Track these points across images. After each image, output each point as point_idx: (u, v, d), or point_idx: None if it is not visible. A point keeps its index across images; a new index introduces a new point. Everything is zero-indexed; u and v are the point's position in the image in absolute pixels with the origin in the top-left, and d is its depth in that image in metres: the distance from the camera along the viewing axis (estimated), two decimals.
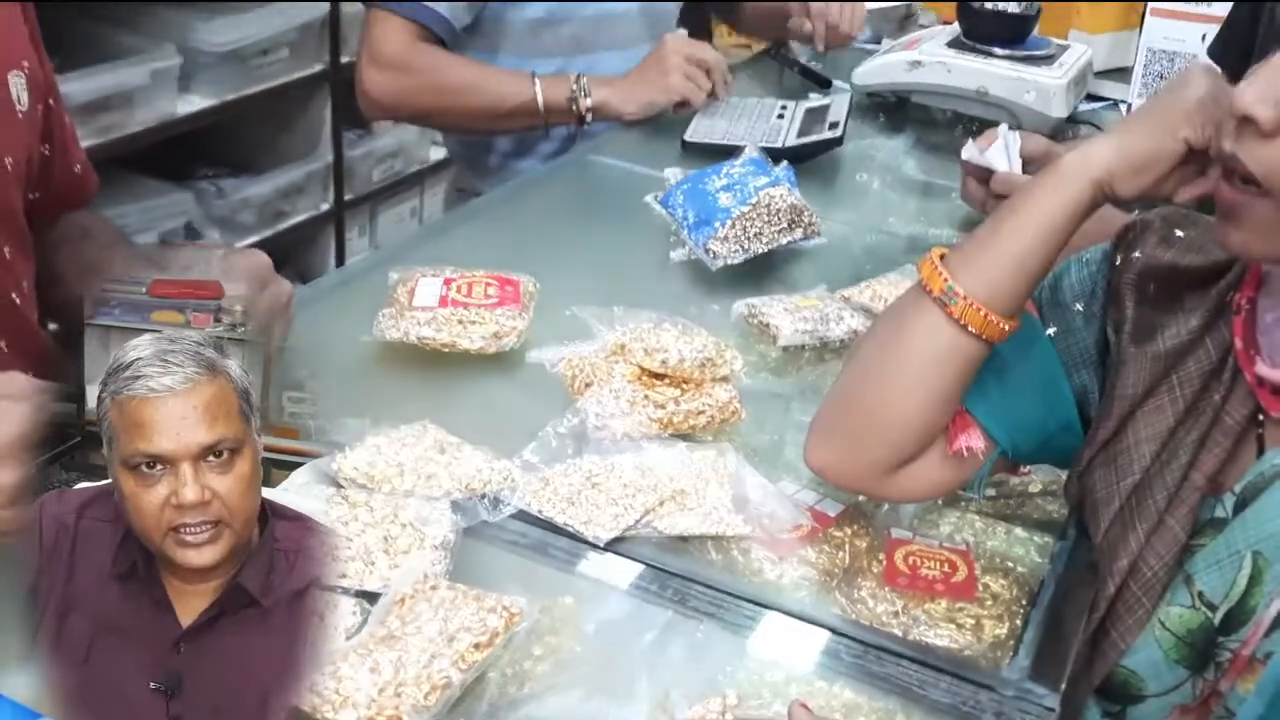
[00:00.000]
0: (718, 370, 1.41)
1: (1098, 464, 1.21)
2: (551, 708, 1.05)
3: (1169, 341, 1.16)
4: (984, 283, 1.15)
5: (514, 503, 1.26)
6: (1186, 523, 1.13)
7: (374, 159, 3.75)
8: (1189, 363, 1.16)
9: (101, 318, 1.05)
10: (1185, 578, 1.13)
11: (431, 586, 1.10)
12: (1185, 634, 1.13)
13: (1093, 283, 1.25)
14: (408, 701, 0.97)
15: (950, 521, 1.35)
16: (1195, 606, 1.12)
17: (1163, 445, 1.16)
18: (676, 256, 1.78)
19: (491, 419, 1.41)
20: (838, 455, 1.26)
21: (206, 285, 1.07)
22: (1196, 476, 1.14)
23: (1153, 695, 1.14)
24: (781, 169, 1.84)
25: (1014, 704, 1.09)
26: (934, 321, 1.17)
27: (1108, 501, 1.19)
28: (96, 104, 2.85)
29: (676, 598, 1.19)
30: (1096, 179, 1.13)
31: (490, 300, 1.53)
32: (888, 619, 1.20)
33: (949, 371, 1.18)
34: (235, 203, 3.31)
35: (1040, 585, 1.24)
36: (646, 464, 1.32)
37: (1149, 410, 1.17)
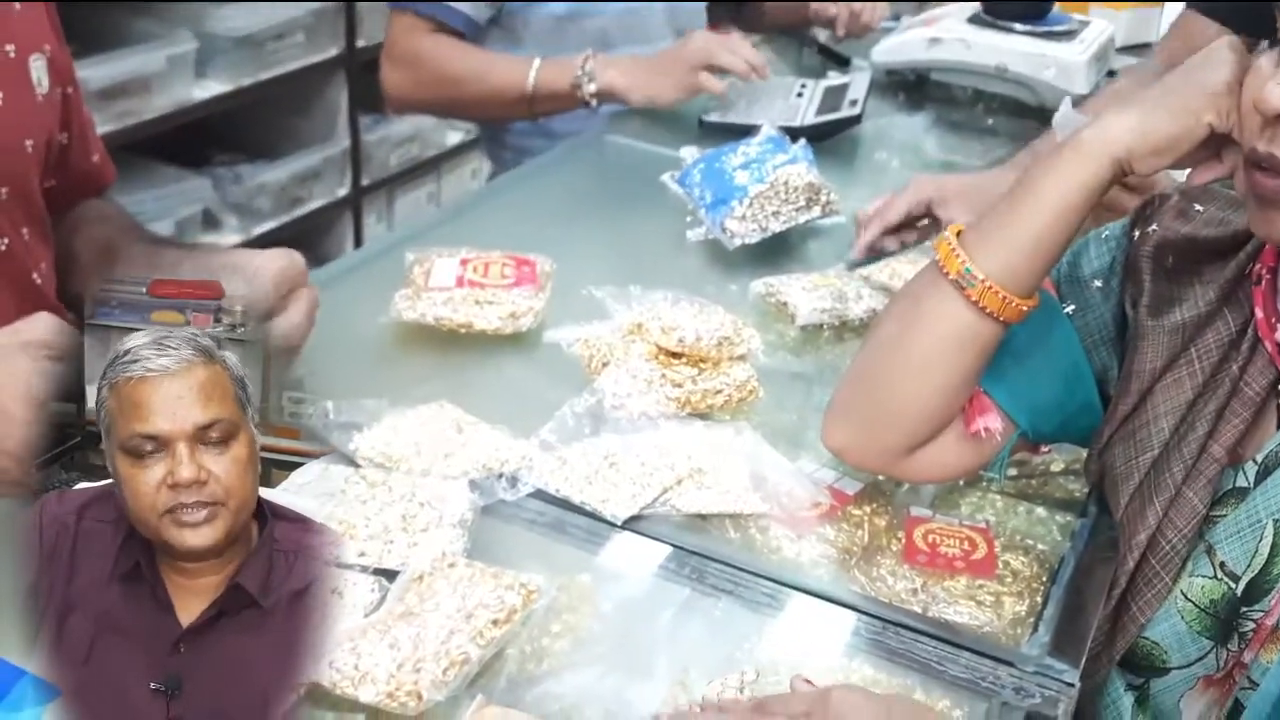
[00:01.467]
0: (735, 349, 1.41)
1: (1117, 440, 1.20)
2: (570, 684, 1.05)
3: (1187, 314, 1.16)
4: (1002, 264, 1.14)
5: (532, 482, 1.26)
6: (1205, 495, 1.13)
7: (391, 144, 3.74)
8: (1207, 334, 1.15)
9: (101, 318, 1.05)
10: (1207, 548, 1.13)
11: (450, 564, 1.10)
12: (1208, 605, 1.12)
13: (1111, 258, 1.24)
14: (426, 677, 0.97)
15: (971, 501, 1.34)
16: (1217, 577, 1.12)
17: (1181, 419, 1.15)
18: (693, 236, 1.78)
19: (508, 399, 1.41)
20: (855, 436, 1.25)
21: (206, 285, 1.06)
22: (1215, 448, 1.13)
23: (1176, 667, 1.14)
24: (800, 147, 1.83)
25: (1034, 679, 1.09)
26: (951, 304, 1.16)
27: (1127, 477, 1.18)
28: (113, 90, 2.85)
29: (695, 575, 1.18)
30: (1117, 157, 1.11)
31: (507, 280, 1.53)
32: (907, 596, 1.19)
33: (966, 354, 1.18)
34: (252, 188, 3.31)
35: (1060, 563, 1.24)
36: (664, 443, 1.31)
37: (1168, 384, 1.17)
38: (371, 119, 3.71)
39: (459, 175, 4.08)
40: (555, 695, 1.04)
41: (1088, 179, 1.12)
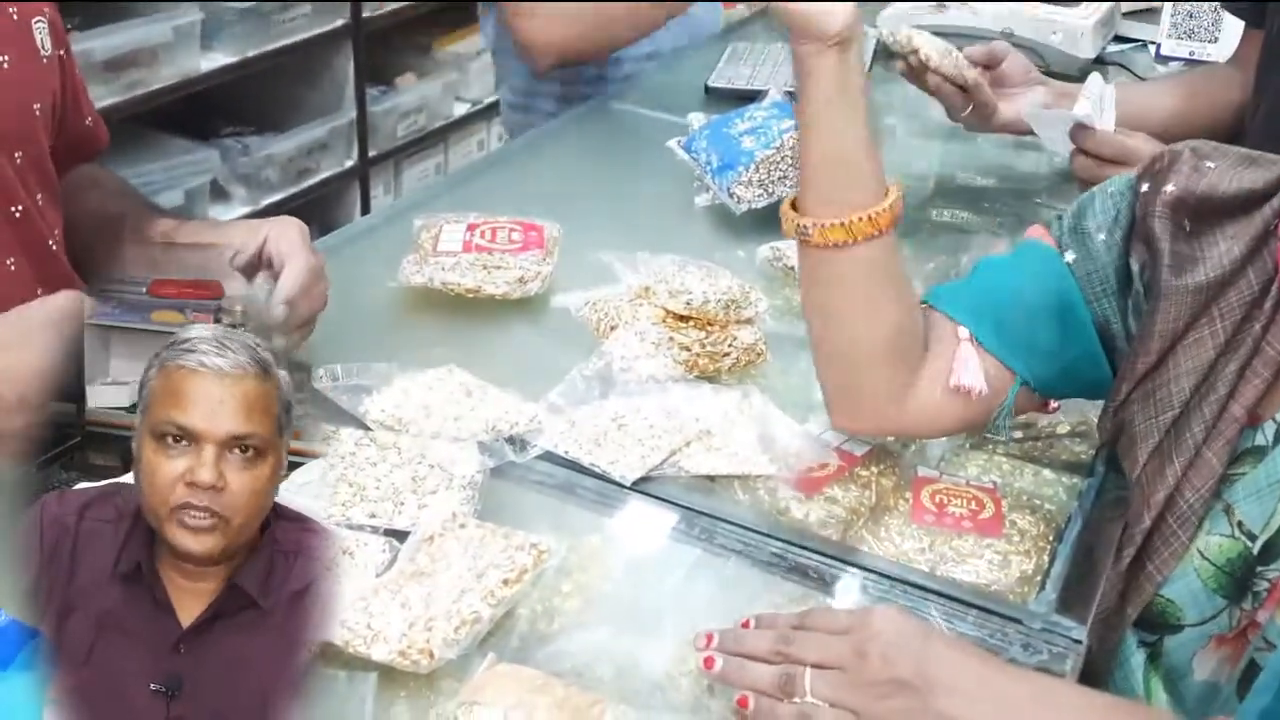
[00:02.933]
0: (742, 312, 1.41)
1: (1136, 398, 1.19)
2: (580, 643, 1.06)
3: (1210, 273, 1.14)
4: (818, 199, 1.18)
5: (541, 444, 1.26)
6: (1224, 454, 1.12)
7: (398, 115, 3.74)
8: (1230, 293, 1.14)
9: (101, 318, 1.05)
10: (1225, 507, 1.13)
11: (460, 525, 1.10)
12: (1224, 563, 1.12)
13: (1115, 210, 1.22)
14: (438, 636, 0.98)
15: (977, 463, 1.35)
16: (1234, 535, 1.11)
17: (1203, 378, 1.14)
18: (700, 201, 1.78)
19: (516, 363, 1.41)
20: (846, 407, 1.27)
21: (206, 285, 1.07)
22: (1235, 408, 1.12)
23: (1190, 625, 1.14)
24: None
25: (1041, 637, 1.09)
26: (815, 257, 1.20)
27: (1146, 436, 1.17)
28: (120, 61, 2.85)
29: (704, 536, 1.19)
30: None
31: (514, 245, 1.53)
32: (915, 555, 1.20)
33: (859, 285, 1.20)
34: (260, 160, 3.31)
35: (1068, 522, 1.24)
36: (672, 405, 1.32)
37: (1189, 343, 1.15)
38: (378, 90, 3.70)
39: (465, 146, 4.08)
40: (566, 654, 1.04)
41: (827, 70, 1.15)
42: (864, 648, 0.98)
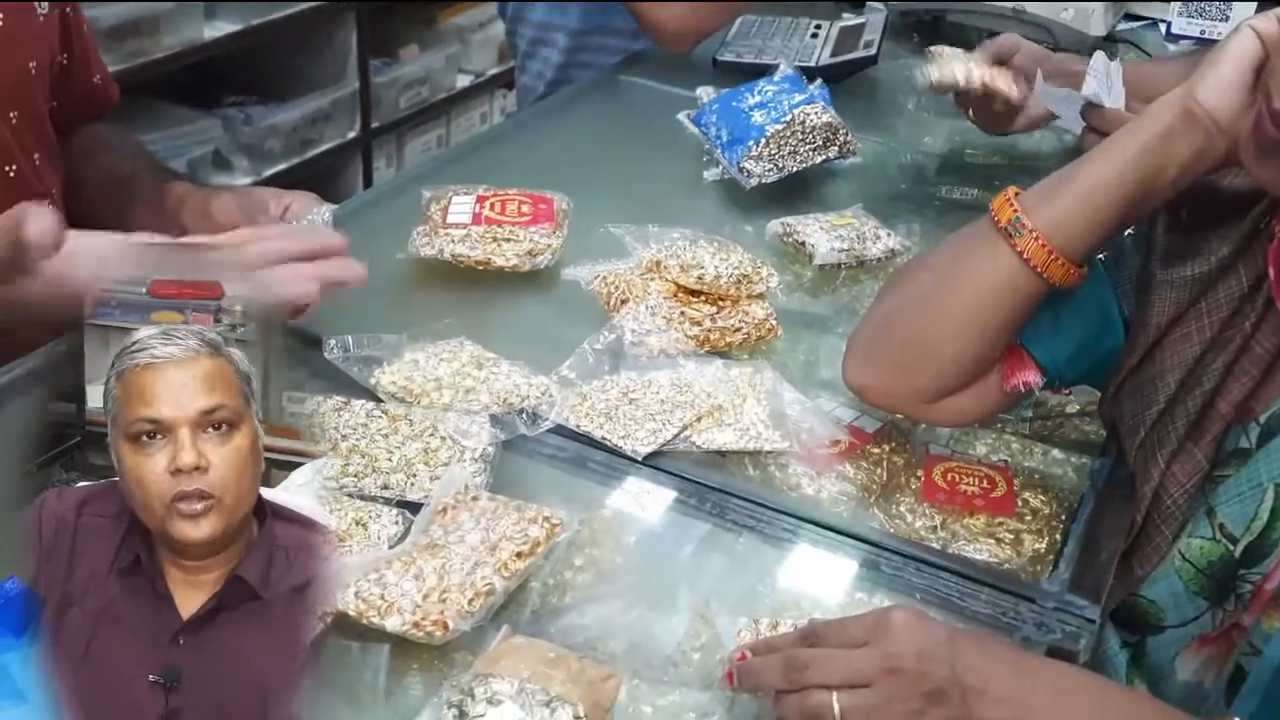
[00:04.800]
0: (754, 287, 1.40)
1: (1125, 392, 1.19)
2: (593, 616, 1.06)
3: (1199, 268, 1.14)
4: (1055, 220, 1.12)
5: (552, 417, 1.26)
6: (1208, 450, 1.12)
7: (400, 86, 3.72)
8: (1219, 289, 1.13)
9: (102, 318, 1.05)
10: (1207, 509, 1.12)
11: (473, 497, 1.10)
12: (1205, 565, 1.11)
13: None
14: (452, 607, 0.98)
15: (987, 442, 1.34)
16: (1216, 538, 1.11)
17: (1188, 373, 1.14)
18: (710, 176, 1.77)
19: (527, 336, 1.40)
20: (879, 378, 1.25)
21: (207, 285, 1.06)
22: (1222, 405, 1.12)
23: (1172, 626, 1.13)
24: (817, 87, 1.82)
25: (1054, 615, 1.09)
26: (997, 253, 1.14)
27: (1133, 431, 1.17)
28: (124, 28, 2.84)
29: (716, 511, 1.19)
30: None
31: (524, 218, 1.52)
32: (926, 533, 1.19)
33: (1005, 308, 1.16)
34: (263, 130, 3.30)
35: (1080, 501, 1.24)
36: (683, 380, 1.32)
37: (1176, 338, 1.15)
38: (381, 61, 3.69)
39: (468, 119, 4.06)
40: (579, 627, 1.04)
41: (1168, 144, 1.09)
42: (894, 663, 0.92)
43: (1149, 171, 1.10)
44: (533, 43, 2.32)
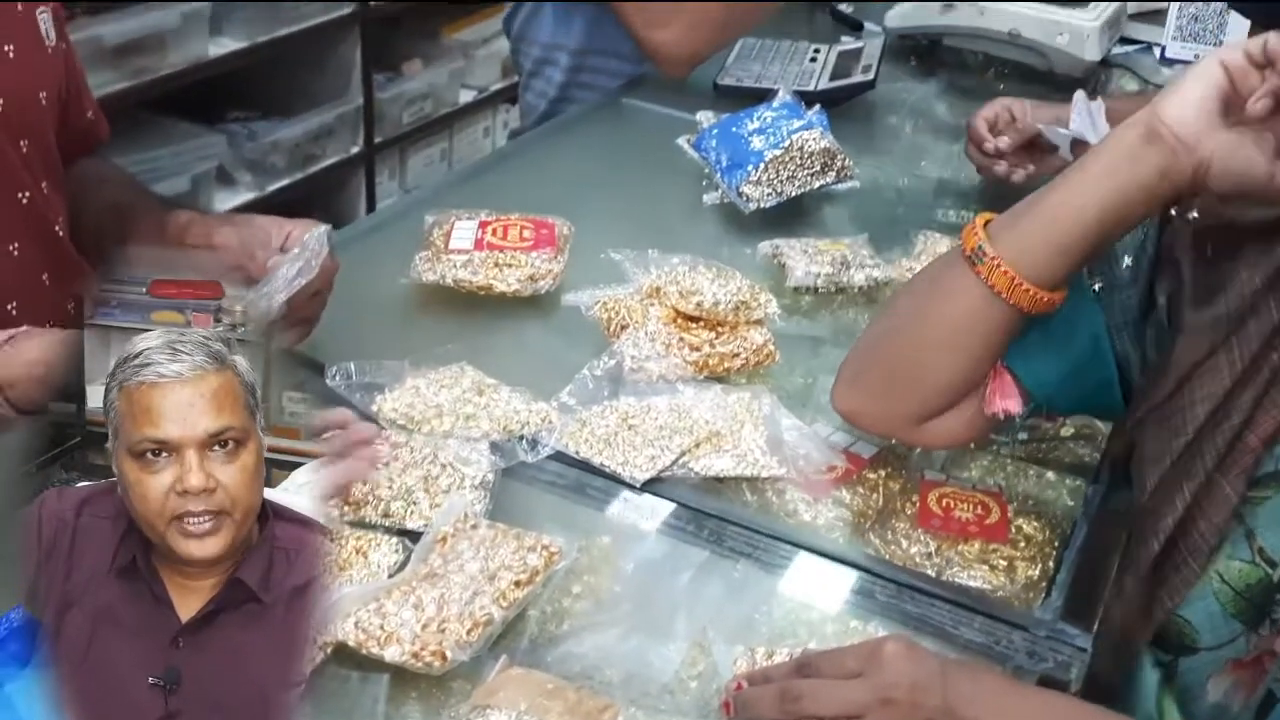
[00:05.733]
0: (752, 313, 1.42)
1: (1150, 421, 1.18)
2: (590, 644, 1.07)
3: (1231, 304, 1.12)
4: (1019, 247, 1.13)
5: (552, 444, 1.27)
6: (1239, 484, 1.10)
7: (404, 101, 3.74)
8: (1249, 324, 1.12)
9: (102, 318, 1.05)
10: (1247, 532, 1.10)
11: (472, 525, 1.11)
12: (1244, 588, 1.10)
13: (1142, 234, 1.21)
14: (451, 637, 0.99)
15: (982, 465, 1.36)
16: (1255, 562, 1.09)
17: (1217, 406, 1.12)
18: (709, 200, 1.79)
19: (528, 361, 1.42)
20: (867, 402, 1.26)
21: (207, 285, 1.07)
22: (1251, 438, 1.10)
23: (1206, 648, 1.11)
24: (814, 113, 1.83)
25: (1047, 644, 1.11)
26: (966, 280, 1.15)
27: (1157, 460, 1.16)
28: (129, 46, 2.85)
29: (713, 538, 1.20)
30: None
31: (526, 243, 1.54)
32: (921, 560, 1.21)
33: (980, 333, 1.17)
34: (266, 145, 3.31)
35: (1073, 528, 1.25)
36: (682, 406, 1.33)
37: (1205, 371, 1.13)
38: (384, 77, 3.70)
39: (471, 133, 4.08)
40: (576, 655, 1.05)
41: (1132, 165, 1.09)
42: (887, 694, 0.94)
43: (1113, 193, 1.10)
44: (537, 62, 2.34)
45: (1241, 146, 1.07)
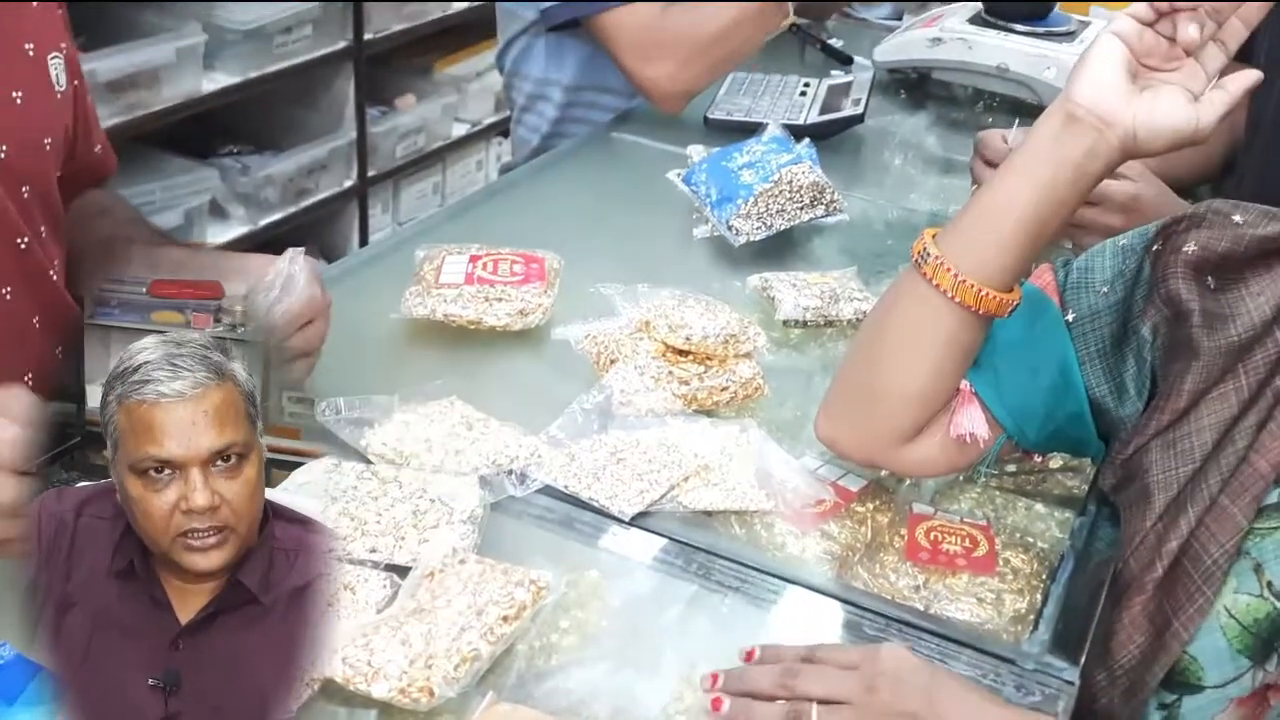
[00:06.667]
0: (741, 346, 1.42)
1: (1154, 447, 1.17)
2: (578, 680, 1.07)
3: (1244, 332, 1.12)
4: (961, 247, 1.16)
5: (540, 478, 1.27)
6: (1248, 509, 1.09)
7: (397, 135, 3.76)
8: (1255, 352, 1.13)
9: (102, 318, 1.06)
10: (1255, 565, 1.10)
11: (460, 561, 1.11)
12: (1251, 623, 1.09)
13: (1123, 265, 1.21)
14: (438, 673, 0.99)
15: (971, 497, 1.36)
16: (1263, 596, 1.09)
17: (1224, 433, 1.13)
18: (699, 233, 1.80)
19: (517, 395, 1.42)
20: (842, 426, 1.28)
21: (207, 285, 1.07)
22: (1260, 463, 1.10)
23: (1211, 686, 1.11)
24: (803, 146, 1.84)
25: (1034, 677, 1.11)
26: (912, 285, 1.18)
27: (1165, 487, 1.15)
28: (123, 82, 2.87)
29: (701, 572, 1.20)
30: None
31: (516, 277, 1.55)
32: (909, 593, 1.21)
33: (933, 339, 1.19)
34: (259, 180, 3.32)
35: (1060, 560, 1.26)
36: (671, 440, 1.33)
37: (1213, 398, 1.14)
38: (378, 111, 3.72)
39: (464, 167, 4.10)
40: (564, 691, 1.05)
41: (1057, 149, 1.12)
42: (873, 682, 1.01)
43: (1043, 180, 1.12)
44: (530, 97, 2.35)
45: (1159, 103, 1.11)
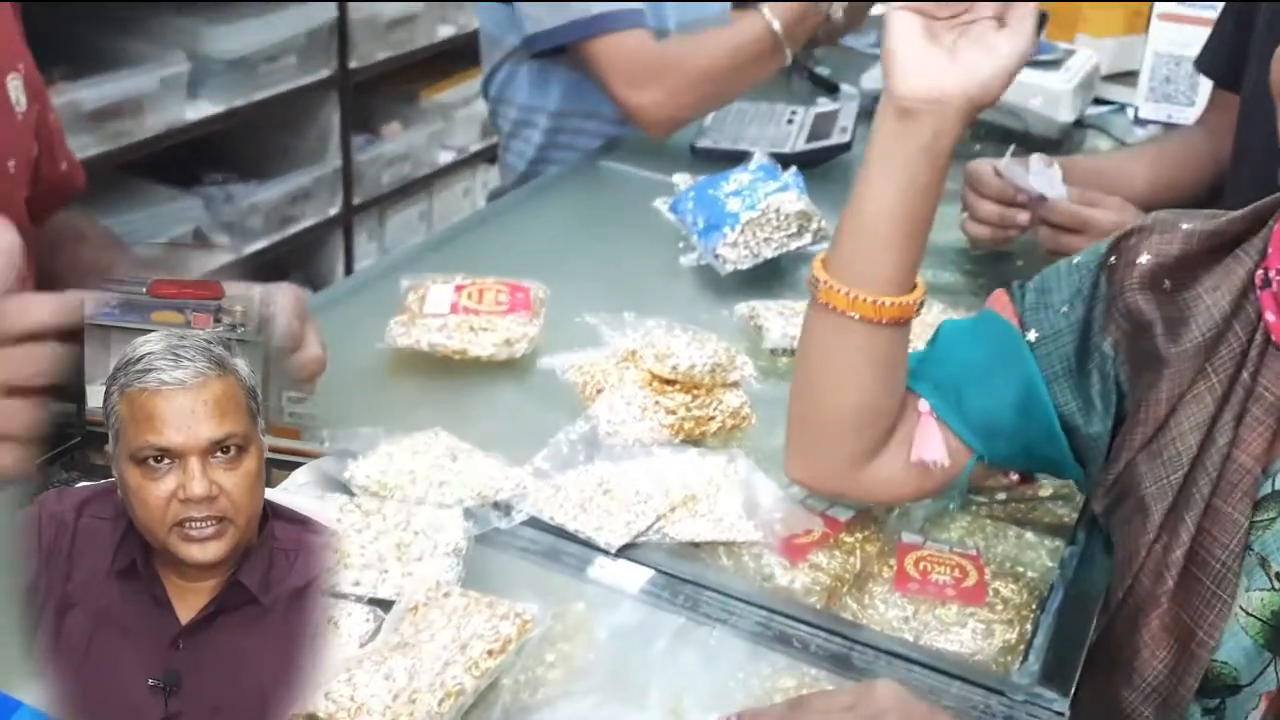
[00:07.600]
0: (728, 376, 1.42)
1: (1141, 461, 1.17)
2: (564, 714, 1.06)
3: (1206, 333, 1.12)
4: (843, 262, 1.17)
5: (526, 509, 1.26)
6: (1244, 506, 1.09)
7: (382, 163, 3.75)
8: (1221, 348, 1.12)
9: (102, 318, 1.05)
10: (1260, 560, 1.10)
11: (444, 594, 1.10)
12: (1269, 616, 1.09)
13: (1079, 284, 1.21)
14: (422, 708, 0.98)
15: (961, 526, 1.36)
16: (1274, 588, 1.09)
17: (1206, 433, 1.12)
18: (686, 262, 1.79)
19: (503, 426, 1.42)
20: (803, 462, 1.28)
21: (207, 285, 1.07)
22: (1244, 458, 1.10)
23: (1247, 684, 1.11)
24: (790, 174, 1.84)
25: (1024, 708, 1.10)
26: (814, 313, 1.20)
27: (1160, 497, 1.14)
28: (107, 110, 2.86)
29: (688, 604, 1.19)
30: None
31: (501, 307, 1.54)
32: (899, 624, 1.20)
33: (848, 358, 1.19)
34: (244, 208, 3.32)
35: (1050, 590, 1.25)
36: (658, 470, 1.32)
37: (1189, 400, 1.13)
38: (363, 139, 3.72)
39: (450, 194, 4.09)
40: None
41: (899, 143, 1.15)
42: (878, 717, 0.97)
43: (901, 177, 1.14)
44: (515, 124, 2.35)
45: (977, 57, 1.13)
